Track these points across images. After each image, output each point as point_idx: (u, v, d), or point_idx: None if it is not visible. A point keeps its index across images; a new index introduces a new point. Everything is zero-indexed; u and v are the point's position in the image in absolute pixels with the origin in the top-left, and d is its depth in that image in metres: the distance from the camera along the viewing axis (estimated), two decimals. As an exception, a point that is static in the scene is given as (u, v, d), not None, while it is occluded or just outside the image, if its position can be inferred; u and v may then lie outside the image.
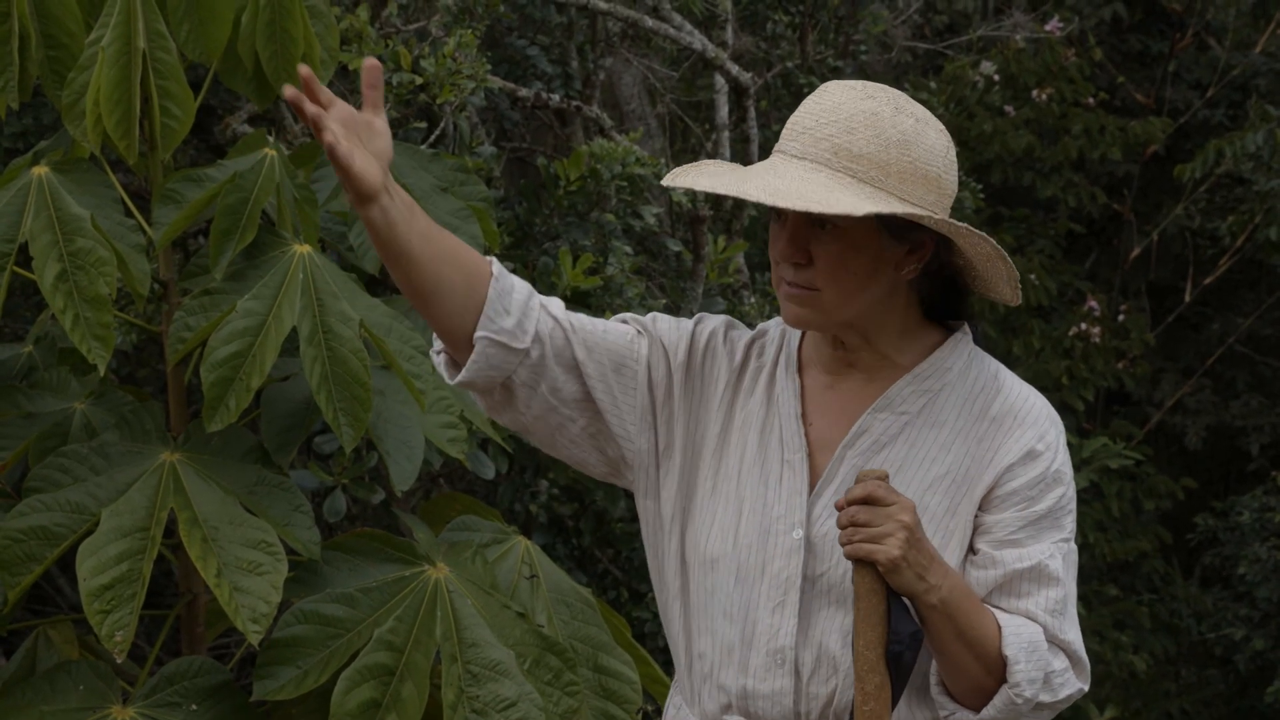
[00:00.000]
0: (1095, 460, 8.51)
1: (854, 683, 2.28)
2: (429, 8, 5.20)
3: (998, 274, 2.39)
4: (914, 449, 2.39)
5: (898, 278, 2.37)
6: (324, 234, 3.93)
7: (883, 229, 2.32)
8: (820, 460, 2.41)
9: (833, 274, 2.32)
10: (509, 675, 3.39)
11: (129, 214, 3.60)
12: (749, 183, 2.31)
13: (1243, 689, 9.40)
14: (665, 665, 4.99)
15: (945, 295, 2.45)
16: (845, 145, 2.30)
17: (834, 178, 2.29)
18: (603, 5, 5.81)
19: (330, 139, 2.19)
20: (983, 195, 7.74)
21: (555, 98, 5.75)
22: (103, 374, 3.48)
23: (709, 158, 6.60)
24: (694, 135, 7.48)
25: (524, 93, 5.66)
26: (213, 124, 5.35)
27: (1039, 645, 2.35)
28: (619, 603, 5.79)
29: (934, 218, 2.28)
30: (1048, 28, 9.16)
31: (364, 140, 2.25)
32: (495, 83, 5.33)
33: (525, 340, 2.36)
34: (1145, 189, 10.23)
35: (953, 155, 2.37)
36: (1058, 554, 2.37)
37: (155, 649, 3.63)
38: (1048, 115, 9.24)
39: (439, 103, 4.78)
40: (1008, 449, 2.38)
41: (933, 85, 8.90)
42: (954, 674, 2.34)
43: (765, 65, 7.24)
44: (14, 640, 5.26)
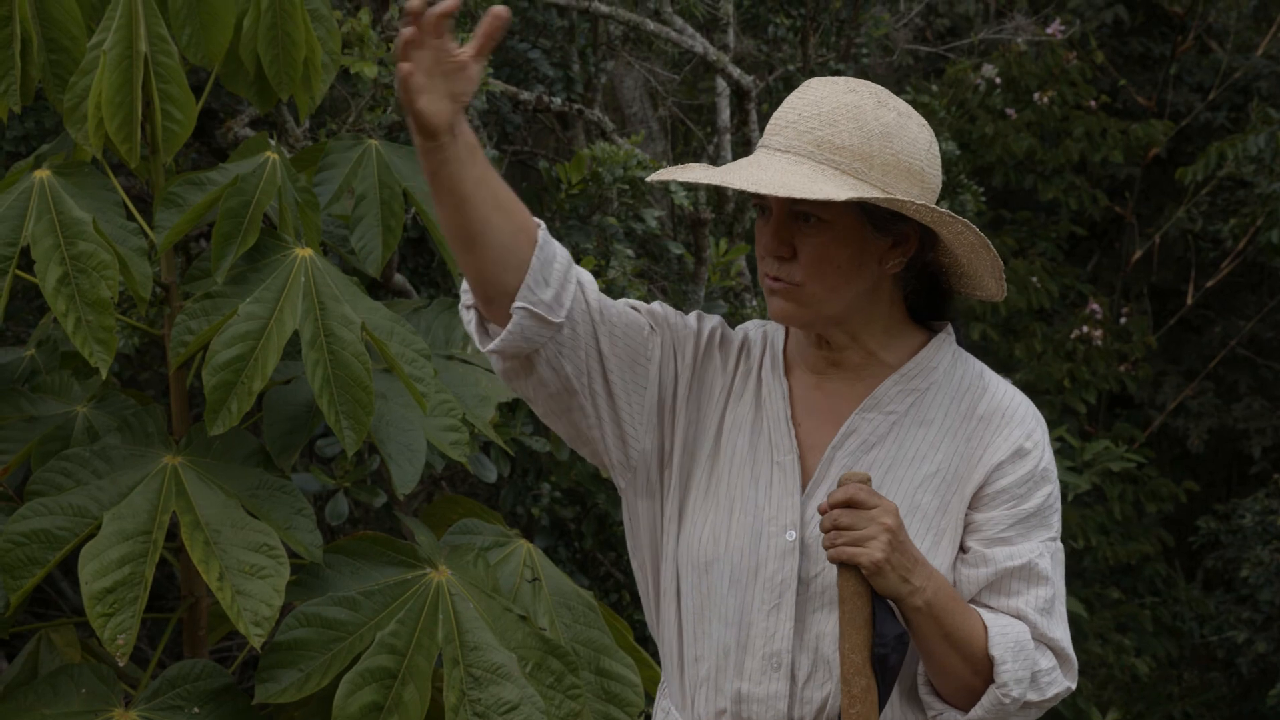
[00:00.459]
0: (1097, 463, 8.50)
1: (840, 686, 2.28)
2: (431, 11, 5.19)
3: (982, 266, 2.38)
4: (903, 448, 2.39)
5: (881, 272, 2.36)
6: (326, 237, 3.93)
7: (866, 221, 2.32)
8: (810, 461, 2.40)
9: (816, 267, 2.31)
10: (511, 678, 3.39)
11: (131, 217, 3.60)
12: (732, 175, 2.31)
13: (1245, 692, 9.39)
14: (667, 668, 4.98)
15: (929, 296, 2.44)
16: (828, 138, 2.30)
17: (817, 169, 2.29)
18: (604, 8, 5.82)
19: (406, 70, 2.17)
20: (984, 198, 7.74)
21: (557, 101, 5.75)
22: (105, 377, 3.48)
23: (710, 161, 6.61)
24: (695, 138, 7.48)
25: (526, 96, 5.66)
26: (214, 127, 5.35)
27: (1025, 645, 2.35)
28: (621, 606, 5.79)
29: (915, 204, 2.27)
30: (1049, 31, 9.17)
31: (447, 77, 2.21)
32: (497, 86, 5.33)
33: (560, 314, 2.33)
34: (1147, 192, 10.23)
35: (936, 150, 2.37)
36: (1046, 553, 2.38)
37: (157, 652, 3.63)
38: (1049, 118, 9.24)
39: (441, 106, 4.77)
40: (997, 447, 2.38)
41: (934, 88, 8.91)
42: (941, 675, 2.34)
43: (767, 68, 7.24)
44: (16, 643, 5.26)
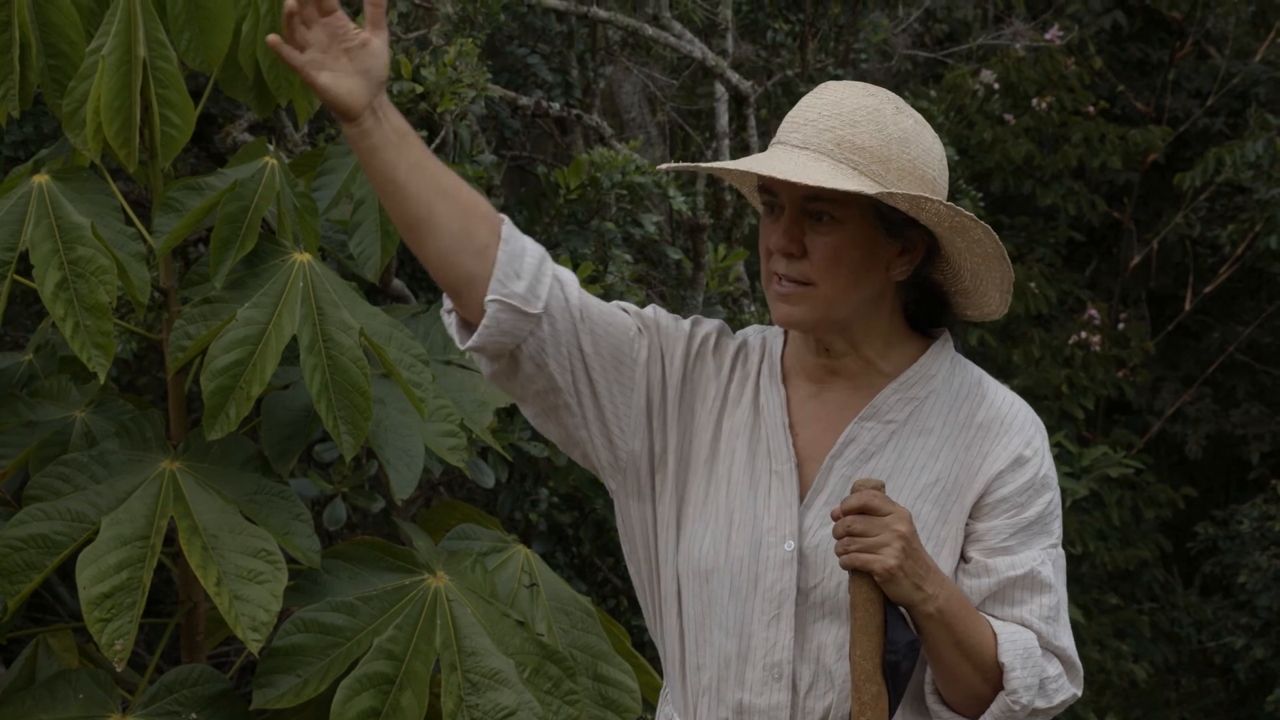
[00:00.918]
0: (1095, 469, 8.50)
1: (851, 693, 2.27)
2: (429, 16, 5.21)
3: (990, 279, 2.37)
4: (902, 457, 2.38)
5: (888, 279, 2.36)
6: (324, 242, 3.93)
7: (879, 224, 2.31)
8: (809, 470, 2.39)
9: (828, 267, 2.30)
10: (508, 684, 3.39)
11: (129, 222, 3.60)
12: (756, 164, 2.30)
13: (1243, 698, 9.39)
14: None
15: (928, 307, 2.44)
16: (848, 138, 2.30)
17: (836, 167, 2.28)
18: (603, 14, 5.82)
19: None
20: (983, 203, 7.74)
21: (555, 106, 5.75)
22: (103, 382, 3.48)
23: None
24: (694, 143, 7.48)
25: (524, 101, 5.66)
26: (213, 132, 5.35)
27: (1034, 652, 2.34)
28: (618, 611, 5.79)
29: (941, 203, 2.27)
30: (1047, 36, 9.17)
31: (350, 55, 2.21)
32: (495, 91, 5.33)
33: (538, 305, 2.31)
34: (1145, 197, 10.23)
35: (945, 163, 2.37)
36: (1048, 560, 2.37)
37: (155, 657, 3.62)
38: (1048, 124, 9.25)
39: (439, 111, 4.78)
40: (996, 455, 2.37)
41: (933, 94, 8.90)
42: (950, 682, 2.34)
43: (765, 73, 7.25)
44: (14, 648, 5.26)
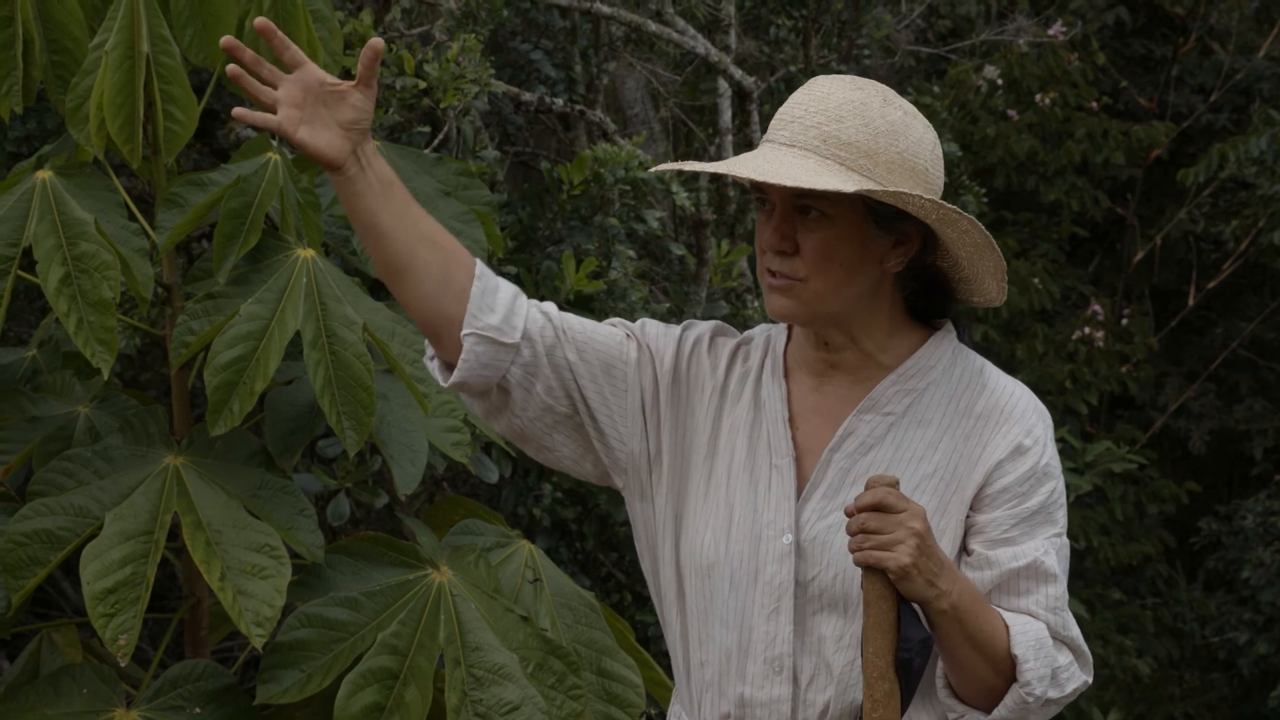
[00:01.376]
0: (1099, 464, 8.50)
1: (864, 690, 2.27)
2: (433, 12, 5.21)
3: (984, 268, 2.37)
4: (901, 449, 2.38)
5: (883, 272, 2.36)
6: (327, 238, 3.93)
7: (870, 218, 2.31)
8: (807, 464, 2.40)
9: (819, 263, 2.31)
10: (512, 679, 3.39)
11: (132, 218, 3.61)
12: (738, 165, 2.31)
13: (1246, 693, 9.39)
14: (668, 669, 4.99)
15: (929, 297, 2.44)
16: (834, 133, 2.29)
17: (823, 164, 2.28)
18: (606, 10, 5.82)
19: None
20: (986, 199, 7.74)
21: (559, 102, 5.75)
22: (106, 378, 3.48)
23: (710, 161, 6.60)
24: (697, 139, 7.48)
25: (527, 97, 5.66)
26: (216, 128, 5.36)
27: (1045, 642, 2.34)
28: (622, 606, 5.79)
29: (923, 199, 2.26)
30: (1051, 32, 9.17)
31: (330, 109, 2.23)
32: (499, 87, 5.33)
33: (514, 335, 2.34)
34: (1148, 193, 10.23)
35: (939, 152, 2.36)
36: (1051, 549, 2.37)
37: (159, 652, 3.63)
38: (1051, 119, 9.24)
39: (442, 107, 4.78)
40: (995, 445, 2.36)
41: (936, 89, 8.90)
42: (963, 676, 2.34)
43: (768, 69, 7.25)
44: (18, 644, 5.26)
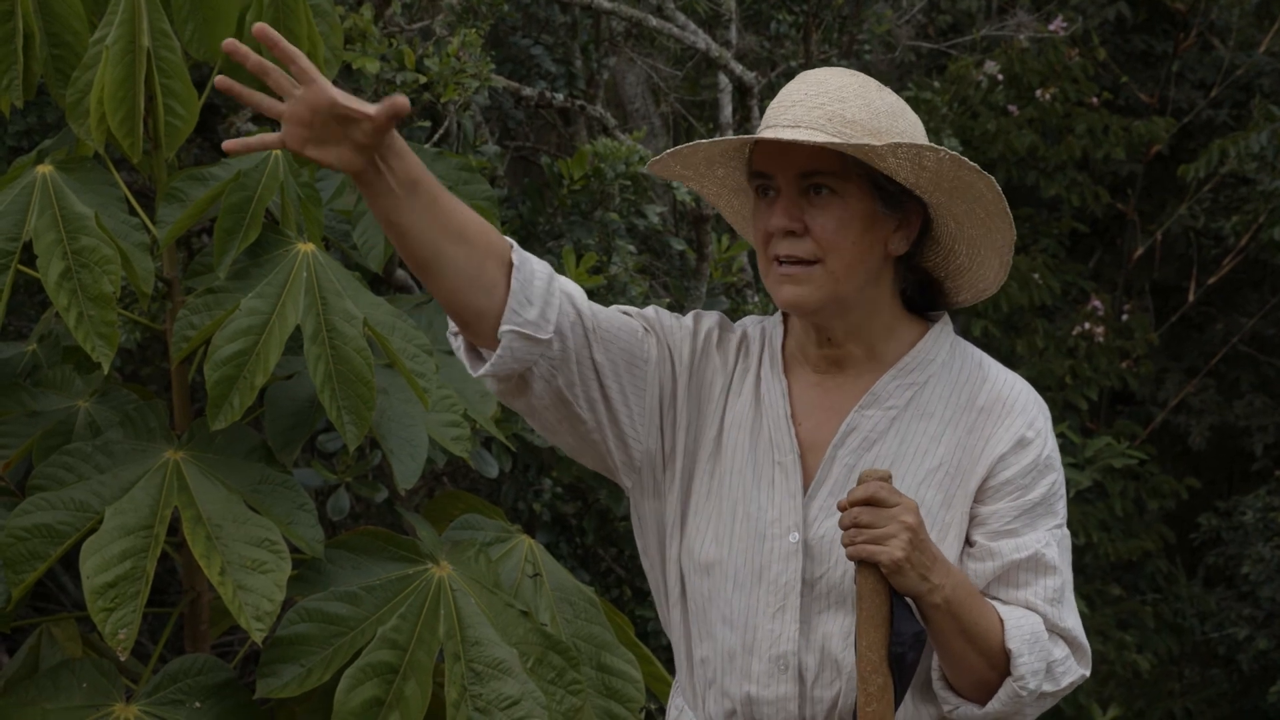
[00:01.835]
0: (1099, 460, 8.50)
1: (857, 684, 2.27)
2: (433, 7, 5.20)
3: (989, 244, 2.38)
4: (905, 443, 2.38)
5: (886, 255, 2.36)
6: (328, 232, 3.93)
7: (877, 196, 2.32)
8: (812, 461, 2.39)
9: (833, 240, 2.31)
10: (512, 674, 3.40)
11: (133, 212, 3.61)
12: (755, 135, 2.32)
13: (1246, 689, 9.39)
14: (668, 664, 4.99)
15: (924, 289, 2.44)
16: (839, 112, 2.31)
17: (832, 141, 2.29)
18: (606, 4, 5.81)
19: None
20: (986, 194, 7.71)
21: (559, 97, 5.75)
22: (106, 372, 3.48)
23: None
24: (698, 134, 7.48)
25: (528, 92, 5.66)
26: (217, 122, 5.35)
27: (1040, 636, 2.35)
28: (622, 601, 5.80)
29: (944, 150, 2.27)
30: (1051, 27, 9.16)
31: (344, 126, 2.17)
32: (499, 82, 5.33)
33: (549, 330, 2.32)
34: (1149, 189, 10.22)
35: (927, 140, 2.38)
36: (1053, 541, 2.37)
37: (159, 647, 3.63)
38: (1051, 115, 9.23)
39: (443, 102, 4.78)
40: (999, 438, 2.37)
41: (936, 85, 8.90)
42: (957, 669, 2.34)
43: (769, 64, 7.24)
44: (18, 638, 5.26)
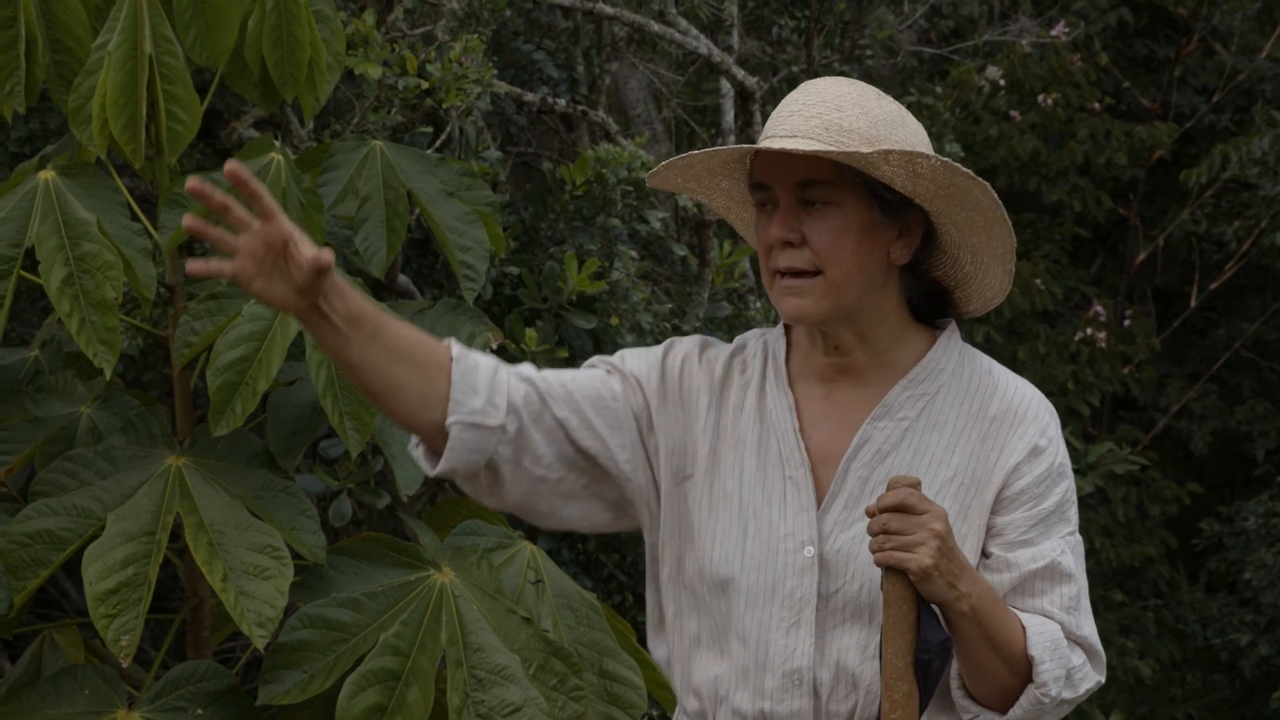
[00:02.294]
0: (1101, 465, 8.50)
1: (882, 690, 2.26)
2: (435, 12, 5.20)
3: (991, 251, 2.37)
4: (919, 454, 2.37)
5: (889, 264, 2.35)
6: (330, 238, 3.93)
7: (875, 205, 2.31)
8: (824, 474, 2.38)
9: (831, 250, 2.30)
10: (514, 680, 3.39)
11: (135, 218, 3.61)
12: (747, 147, 2.32)
13: (1248, 694, 9.39)
14: (670, 670, 4.98)
15: (931, 298, 2.43)
16: (836, 121, 2.30)
17: (821, 150, 2.28)
18: (609, 10, 5.81)
19: (224, 272, 2.14)
20: (988, 200, 7.71)
21: (561, 102, 5.75)
22: (109, 378, 3.48)
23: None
24: (700, 139, 7.48)
25: (530, 97, 5.66)
26: (219, 128, 5.35)
27: (1060, 643, 2.34)
28: (624, 607, 5.79)
29: (937, 157, 2.27)
30: (1053, 33, 9.16)
31: (291, 266, 2.13)
32: (501, 87, 5.33)
33: (499, 416, 2.31)
34: (1151, 194, 10.22)
35: (930, 148, 2.36)
36: (1067, 549, 2.37)
37: (161, 653, 3.63)
38: (1053, 120, 9.23)
39: (445, 107, 4.78)
40: (1013, 447, 2.37)
41: (938, 90, 8.90)
42: (979, 677, 2.33)
43: (771, 70, 7.24)
44: (20, 644, 5.26)
